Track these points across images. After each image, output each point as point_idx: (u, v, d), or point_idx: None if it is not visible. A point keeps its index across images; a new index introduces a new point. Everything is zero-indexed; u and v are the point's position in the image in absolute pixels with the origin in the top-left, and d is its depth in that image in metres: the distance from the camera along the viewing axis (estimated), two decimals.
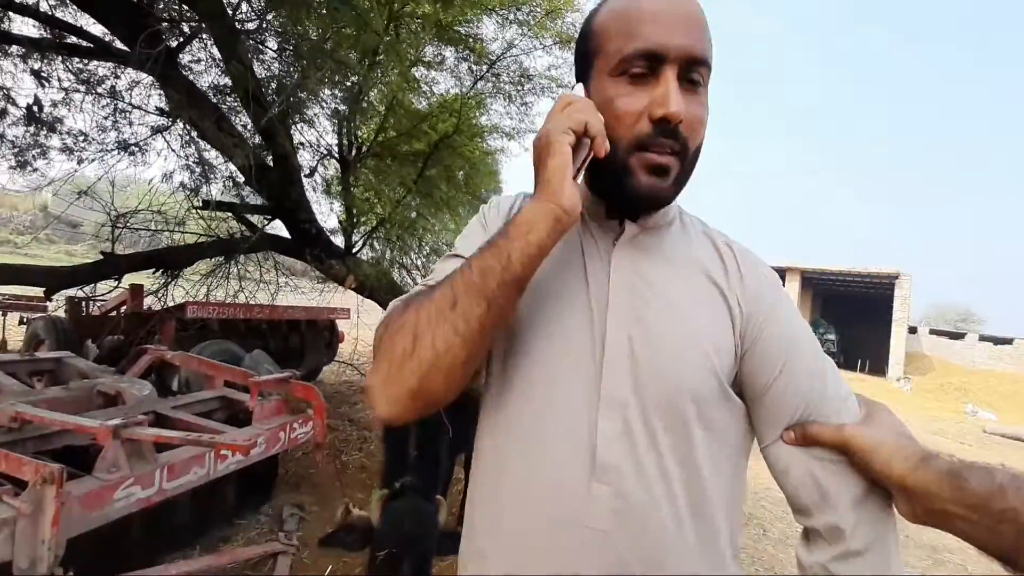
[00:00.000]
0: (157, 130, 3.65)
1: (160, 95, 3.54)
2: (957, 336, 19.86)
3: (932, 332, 20.64)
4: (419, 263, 5.86)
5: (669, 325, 0.56)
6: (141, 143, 3.64)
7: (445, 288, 0.51)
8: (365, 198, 5.20)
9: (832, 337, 21.55)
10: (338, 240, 4.69)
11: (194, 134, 3.65)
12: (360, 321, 5.19)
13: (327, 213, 5.40)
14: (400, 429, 1.88)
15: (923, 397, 15.28)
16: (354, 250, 4.62)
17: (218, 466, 1.83)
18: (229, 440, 1.82)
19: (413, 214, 5.28)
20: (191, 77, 3.53)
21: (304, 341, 4.83)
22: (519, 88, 4.63)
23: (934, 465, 0.49)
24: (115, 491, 1.49)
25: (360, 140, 4.67)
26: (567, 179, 0.51)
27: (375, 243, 5.41)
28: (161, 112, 3.61)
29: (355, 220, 4.69)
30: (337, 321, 5.31)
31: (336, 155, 4.59)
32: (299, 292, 5.93)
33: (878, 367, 18.81)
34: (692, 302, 0.58)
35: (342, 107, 4.15)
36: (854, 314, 22.94)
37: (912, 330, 19.97)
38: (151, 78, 3.28)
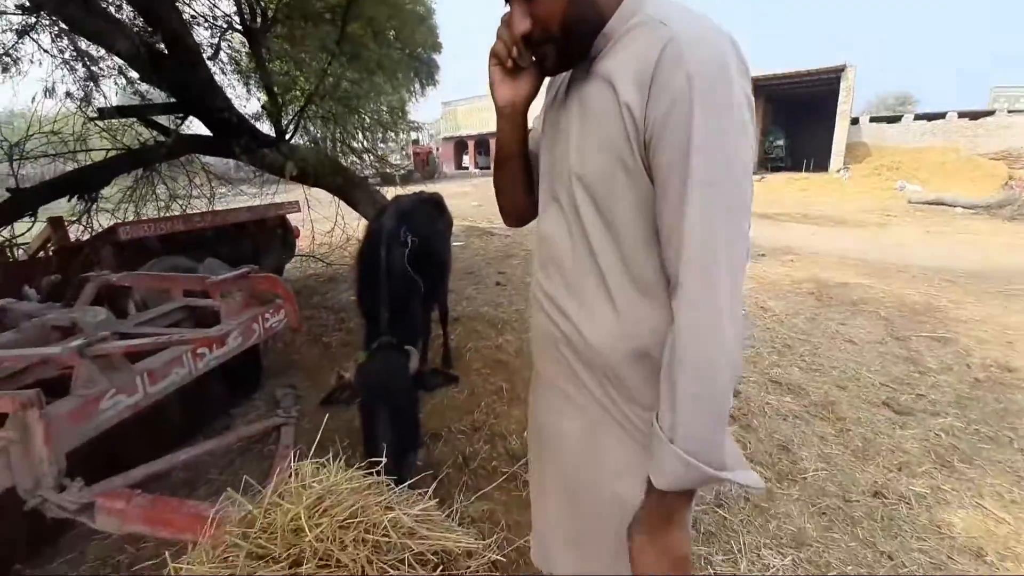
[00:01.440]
0: (23, 32, 3.04)
1: None
2: (894, 120, 20.39)
3: (872, 120, 21.10)
4: (364, 139, 5.45)
5: (581, 133, 0.74)
6: (9, 51, 3.06)
7: (494, 162, 0.95)
8: (285, 73, 4.63)
9: (780, 143, 22.04)
10: (266, 128, 4.27)
11: (63, 26, 3.07)
12: (312, 213, 4.99)
13: (245, 99, 4.83)
14: (372, 294, 1.93)
15: (860, 183, 16.25)
16: (286, 135, 4.23)
17: (198, 365, 1.87)
18: (201, 335, 1.83)
19: (345, 83, 4.75)
20: None
21: (256, 243, 4.64)
22: None
23: None
24: (99, 402, 1.52)
25: (263, 4, 3.99)
26: (496, 89, 0.81)
27: (310, 125, 4.95)
28: (23, 9, 2.97)
29: (279, 101, 4.21)
30: (288, 216, 5.08)
31: (239, 27, 3.95)
32: (242, 195, 5.57)
33: (822, 163, 19.53)
34: (594, 110, 0.71)
35: None
36: (804, 115, 23.07)
37: (854, 121, 20.36)
38: None
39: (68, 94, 3.34)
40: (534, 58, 0.76)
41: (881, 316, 4.03)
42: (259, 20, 3.93)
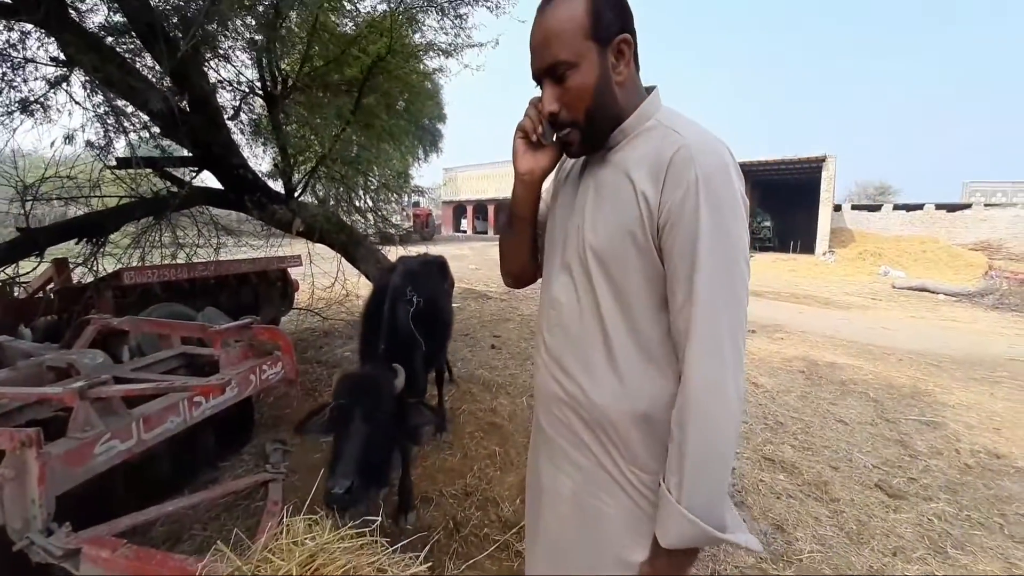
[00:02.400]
0: (56, 82, 3.23)
1: (55, 45, 3.10)
2: (875, 208, 21.47)
3: (854, 207, 22.18)
4: (368, 200, 5.66)
5: (596, 211, 0.84)
6: (41, 99, 3.23)
7: (503, 224, 1.04)
8: (300, 136, 4.88)
9: (768, 224, 22.94)
10: (277, 186, 4.45)
11: (97, 81, 3.27)
12: (314, 268, 5.09)
13: (260, 157, 5.07)
14: (374, 348, 1.96)
15: (845, 266, 16.78)
16: (296, 193, 4.41)
17: (193, 413, 1.86)
18: (202, 383, 1.84)
19: (355, 148, 5.02)
20: (78, 19, 3.09)
21: (257, 294, 4.70)
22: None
23: None
24: (94, 446, 1.51)
25: (285, 73, 4.30)
26: (518, 158, 0.90)
27: (318, 184, 5.16)
28: (57, 61, 3.18)
29: (292, 161, 4.43)
30: (289, 270, 5.16)
31: (260, 92, 4.23)
32: (246, 246, 5.69)
33: (809, 246, 20.27)
34: (611, 194, 0.82)
35: (258, 37, 3.77)
36: (788, 200, 24.22)
37: (837, 208, 21.37)
38: (42, 29, 2.86)
39: (89, 142, 3.49)
40: (560, 139, 0.87)
41: (871, 397, 4.07)
42: (279, 87, 4.22)
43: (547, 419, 0.93)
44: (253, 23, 3.63)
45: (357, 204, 5.54)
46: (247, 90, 4.25)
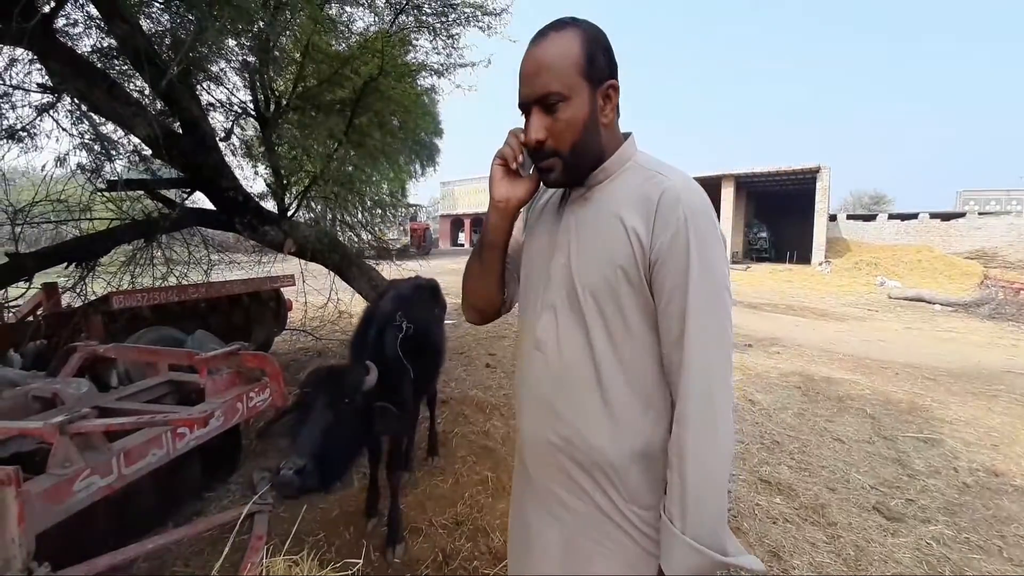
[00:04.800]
0: (42, 109, 3.24)
1: (41, 71, 3.12)
2: (870, 218, 21.62)
3: (849, 217, 22.33)
4: (361, 218, 5.68)
5: (585, 249, 0.84)
6: (28, 127, 3.23)
7: (472, 251, 1.01)
8: (292, 156, 4.90)
9: (764, 235, 23.05)
10: (270, 206, 4.46)
11: (84, 108, 3.27)
12: (307, 287, 5.07)
13: (252, 178, 5.08)
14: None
15: (841, 276, 16.83)
16: (289, 213, 4.41)
17: (177, 445, 1.83)
18: (184, 416, 1.81)
19: (349, 168, 5.04)
20: (70, 44, 3.11)
21: (249, 315, 4.66)
22: (443, 19, 4.33)
23: None
24: (73, 483, 1.49)
25: (278, 94, 4.32)
26: (495, 185, 0.89)
27: (312, 204, 5.17)
28: (44, 88, 3.19)
29: (285, 181, 4.44)
30: (282, 289, 5.14)
31: (253, 113, 4.25)
32: (238, 267, 5.67)
33: (804, 256, 20.35)
34: (599, 232, 0.83)
35: (251, 58, 3.79)
36: (784, 210, 24.39)
37: (832, 218, 21.53)
38: (29, 53, 2.87)
39: (80, 166, 3.48)
40: (540, 168, 0.86)
41: (868, 414, 4.05)
42: (272, 108, 4.24)
43: (536, 466, 0.92)
44: (247, 44, 3.66)
45: (350, 222, 5.55)
46: (239, 111, 4.27)
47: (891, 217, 20.91)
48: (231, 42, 3.58)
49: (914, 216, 20.01)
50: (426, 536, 2.26)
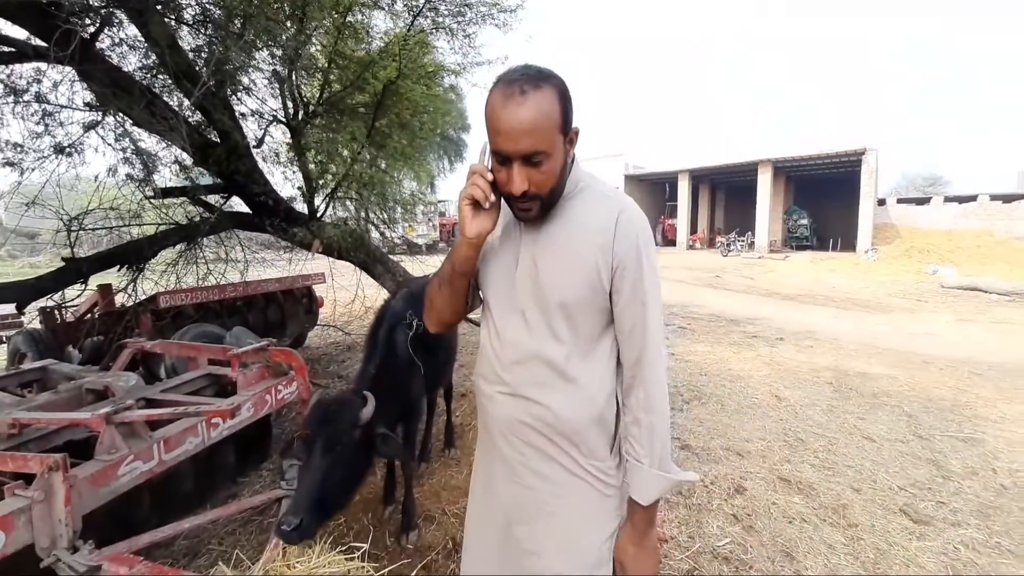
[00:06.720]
0: (88, 127, 3.51)
1: (86, 89, 3.38)
2: (923, 201, 20.38)
3: (899, 201, 21.12)
4: (385, 216, 5.85)
5: (551, 264, 0.98)
6: (76, 143, 3.51)
7: (436, 275, 1.12)
8: (319, 160, 5.11)
9: (805, 222, 22.04)
10: (300, 207, 4.66)
11: (127, 124, 3.52)
12: (336, 284, 5.28)
13: (282, 182, 5.32)
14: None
15: (889, 264, 15.95)
16: (317, 215, 4.60)
17: (211, 434, 2.00)
18: (215, 408, 1.97)
19: (372, 169, 5.20)
20: (115, 61, 3.35)
21: (284, 311, 4.92)
22: (460, 19, 4.41)
23: None
24: (118, 468, 1.65)
25: (306, 100, 4.51)
26: (466, 222, 0.97)
27: (339, 204, 5.37)
28: (89, 107, 3.46)
29: (313, 184, 4.64)
30: (314, 287, 5.39)
31: (283, 120, 4.46)
32: (270, 265, 5.94)
33: (850, 243, 19.42)
34: (567, 248, 0.98)
35: (281, 68, 3.97)
36: (826, 196, 23.32)
37: (881, 202, 20.43)
38: (74, 73, 3.12)
39: (129, 176, 3.74)
40: (520, 209, 0.97)
41: (904, 411, 3.90)
42: (300, 114, 4.42)
43: (507, 444, 1.07)
44: (276, 55, 3.83)
45: (375, 221, 5.73)
46: (270, 119, 4.46)
47: (947, 200, 19.63)
48: (262, 53, 3.75)
49: (972, 198, 18.72)
50: (439, 524, 2.37)
